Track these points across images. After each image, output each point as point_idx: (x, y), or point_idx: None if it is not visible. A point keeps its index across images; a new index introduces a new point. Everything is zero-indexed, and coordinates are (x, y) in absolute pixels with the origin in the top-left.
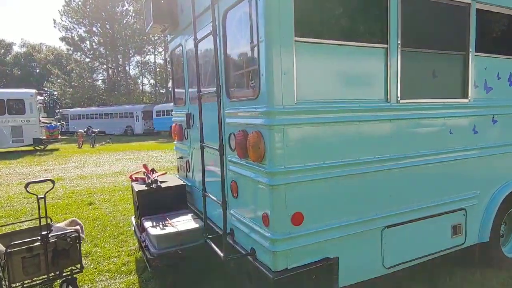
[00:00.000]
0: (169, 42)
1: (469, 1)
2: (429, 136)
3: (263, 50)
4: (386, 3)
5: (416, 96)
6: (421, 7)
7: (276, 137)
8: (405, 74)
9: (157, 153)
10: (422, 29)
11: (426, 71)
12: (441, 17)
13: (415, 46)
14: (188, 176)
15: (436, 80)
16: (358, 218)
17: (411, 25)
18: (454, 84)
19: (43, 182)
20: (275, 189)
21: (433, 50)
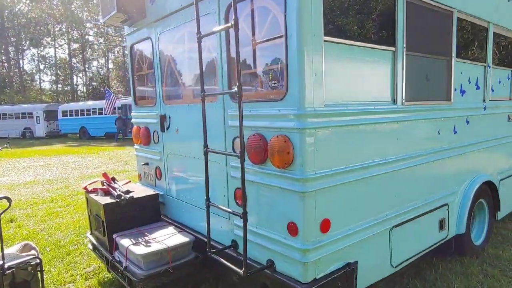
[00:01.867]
0: (128, 34)
1: (452, 10)
2: (425, 136)
3: (294, 48)
4: (394, 6)
5: (415, 99)
6: (418, 13)
7: (307, 141)
8: (408, 77)
9: (73, 158)
10: (418, 34)
11: (421, 75)
12: (431, 24)
13: (414, 50)
14: (157, 185)
15: (428, 83)
16: (373, 220)
17: (410, 30)
18: (441, 87)
19: None
20: (306, 197)
21: (425, 55)
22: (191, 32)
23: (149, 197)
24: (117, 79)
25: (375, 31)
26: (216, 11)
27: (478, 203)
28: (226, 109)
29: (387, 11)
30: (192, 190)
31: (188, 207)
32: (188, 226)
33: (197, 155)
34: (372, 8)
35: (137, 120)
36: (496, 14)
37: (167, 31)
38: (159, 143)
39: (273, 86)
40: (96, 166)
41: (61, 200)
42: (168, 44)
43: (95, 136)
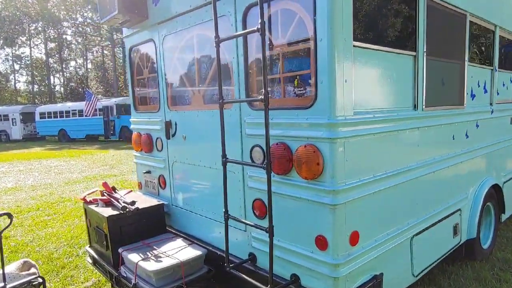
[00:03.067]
0: (127, 36)
1: (465, 13)
2: (442, 142)
3: (324, 53)
4: (415, 10)
5: (433, 104)
6: (436, 16)
7: (338, 151)
8: (427, 82)
9: (55, 162)
10: (435, 38)
11: (438, 80)
12: (447, 28)
13: (432, 54)
14: (161, 194)
15: (444, 88)
16: (397, 230)
17: (429, 34)
18: (455, 92)
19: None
20: (337, 209)
21: (442, 59)
22: (201, 35)
23: (154, 208)
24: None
25: (397, 35)
26: (232, 14)
27: (485, 207)
28: (242, 116)
29: (409, 15)
30: (202, 200)
31: (197, 217)
32: (197, 237)
33: (208, 163)
34: (394, 12)
35: (137, 126)
36: (501, 18)
37: (173, 33)
38: (163, 150)
39: (299, 93)
40: (80, 170)
41: (47, 207)
42: (174, 47)
43: (75, 138)
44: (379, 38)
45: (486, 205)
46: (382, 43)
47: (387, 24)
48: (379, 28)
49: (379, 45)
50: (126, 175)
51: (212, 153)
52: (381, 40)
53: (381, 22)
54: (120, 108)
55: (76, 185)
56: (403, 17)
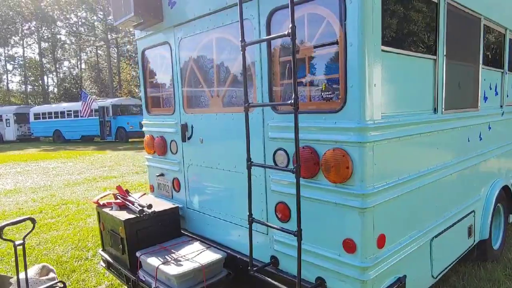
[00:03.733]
0: (140, 39)
1: (480, 16)
2: (458, 144)
3: (354, 58)
4: (436, 14)
5: (451, 107)
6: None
7: (368, 155)
8: (446, 85)
9: (52, 163)
10: (453, 42)
11: (455, 83)
12: (463, 31)
13: (450, 58)
14: (175, 197)
15: (460, 91)
16: (418, 232)
17: (448, 38)
18: (470, 95)
19: (20, 223)
20: (366, 212)
21: (459, 62)
22: (221, 38)
23: (170, 211)
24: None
25: (419, 39)
26: (255, 17)
27: (496, 208)
28: (265, 120)
29: (430, 18)
30: (219, 203)
31: (214, 220)
32: (214, 240)
33: (227, 166)
34: (416, 17)
35: (150, 128)
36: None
37: (190, 36)
38: (178, 153)
39: (327, 97)
40: (79, 172)
41: (50, 210)
42: (192, 50)
43: (71, 139)
44: (402, 42)
45: (496, 206)
46: (405, 47)
47: (410, 28)
48: (403, 32)
49: (403, 49)
50: (126, 176)
51: (231, 156)
52: (404, 44)
53: (404, 26)
54: (116, 108)
55: (77, 187)
56: (424, 21)
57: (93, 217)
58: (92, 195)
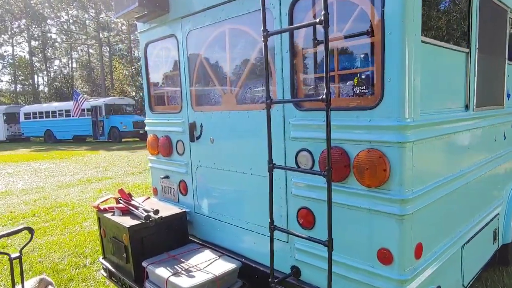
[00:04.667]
0: (143, 32)
1: (506, 9)
2: (486, 143)
3: (395, 49)
4: (469, 4)
5: (481, 105)
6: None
7: (407, 156)
8: (477, 81)
9: (44, 164)
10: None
11: (484, 79)
12: (491, 24)
13: (481, 52)
14: (181, 201)
15: (487, 87)
16: (451, 239)
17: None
18: (496, 91)
19: (16, 233)
20: (405, 220)
21: (487, 57)
22: (235, 30)
23: (177, 216)
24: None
25: (452, 30)
26: (276, 6)
27: None
28: (286, 118)
29: (463, 8)
30: (232, 208)
31: (226, 226)
32: (226, 248)
33: (241, 168)
34: (450, 6)
35: (153, 128)
36: None
37: (200, 28)
38: (185, 154)
39: (360, 92)
40: (73, 173)
41: (44, 213)
42: (201, 43)
43: (62, 139)
44: (438, 33)
45: None
46: (441, 38)
47: (445, 17)
48: (438, 22)
49: (439, 40)
50: (121, 177)
51: (246, 157)
52: (439, 35)
53: (440, 15)
54: (109, 108)
55: (70, 189)
56: (458, 11)
57: (89, 221)
58: (87, 197)
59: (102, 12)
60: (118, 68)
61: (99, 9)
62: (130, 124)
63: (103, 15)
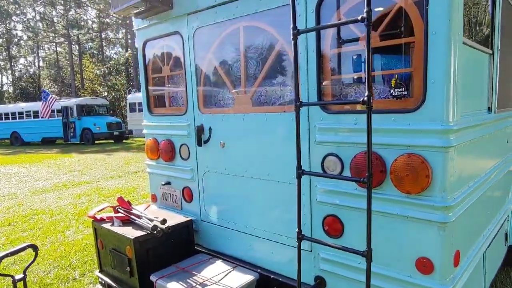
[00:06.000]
0: (141, 29)
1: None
2: (503, 145)
3: (440, 50)
4: (493, 3)
5: (502, 106)
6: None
7: (450, 161)
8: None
9: (13, 168)
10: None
11: (504, 80)
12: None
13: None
14: (185, 208)
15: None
16: (478, 244)
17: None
18: (508, 92)
19: (21, 251)
20: (447, 227)
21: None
22: (251, 28)
23: (183, 225)
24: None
25: (481, 31)
26: (302, 3)
27: None
28: (311, 121)
29: (487, 8)
30: (246, 215)
31: (239, 235)
32: (239, 258)
33: (257, 174)
34: (476, 6)
35: (152, 131)
36: None
37: (209, 25)
38: (190, 159)
39: (398, 94)
40: (46, 177)
41: (20, 222)
42: (211, 41)
43: (30, 142)
44: (471, 34)
45: None
46: (473, 39)
47: (474, 19)
48: (470, 23)
49: (473, 41)
50: (100, 182)
51: (263, 163)
52: (472, 36)
53: (471, 16)
54: (81, 109)
55: (46, 195)
56: (483, 11)
57: (72, 229)
58: (65, 204)
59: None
60: (89, 67)
61: (68, 5)
62: (104, 125)
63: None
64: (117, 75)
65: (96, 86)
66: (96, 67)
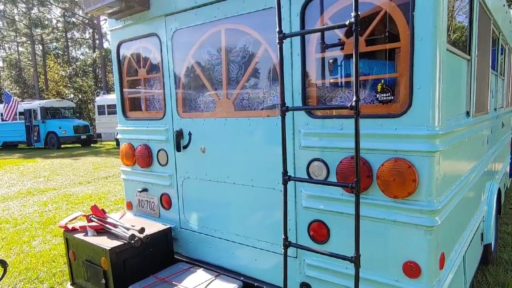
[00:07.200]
0: (115, 30)
1: (490, 17)
2: (479, 148)
3: (425, 55)
4: (470, 9)
5: (477, 111)
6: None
7: (436, 166)
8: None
9: None
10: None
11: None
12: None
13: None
14: (163, 215)
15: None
16: (459, 246)
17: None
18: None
19: None
20: (434, 231)
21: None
22: (233, 30)
23: (162, 233)
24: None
25: (457, 37)
26: (286, 6)
27: None
28: (296, 126)
29: (465, 15)
30: (228, 222)
31: (221, 242)
32: (221, 266)
33: (239, 180)
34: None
35: (128, 136)
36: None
37: (189, 27)
38: (169, 164)
39: (384, 99)
40: (8, 184)
41: None
42: (191, 43)
43: None
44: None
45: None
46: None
47: (454, 25)
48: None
49: (454, 47)
50: (68, 188)
51: (246, 169)
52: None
53: (451, 22)
54: (46, 111)
55: (9, 203)
56: (461, 18)
57: (38, 239)
58: (30, 212)
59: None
60: (53, 68)
61: (30, 3)
62: (70, 128)
63: (35, 11)
64: (84, 77)
65: (61, 88)
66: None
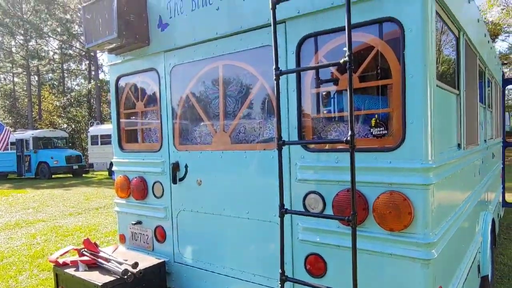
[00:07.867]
0: (115, 64)
1: (476, 53)
2: (471, 180)
3: (417, 92)
4: (457, 47)
5: (468, 143)
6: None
7: (430, 198)
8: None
9: None
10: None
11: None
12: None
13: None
14: (157, 249)
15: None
16: (455, 280)
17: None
18: (473, 130)
19: None
20: (431, 264)
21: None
22: (230, 66)
23: (156, 267)
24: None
25: (447, 73)
26: (282, 44)
27: None
28: (292, 159)
29: (453, 51)
30: (224, 255)
31: (217, 277)
32: None
33: (235, 213)
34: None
35: (124, 168)
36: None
37: (187, 63)
38: (164, 197)
39: (378, 133)
40: None
41: None
42: (189, 78)
43: None
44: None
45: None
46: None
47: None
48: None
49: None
50: (57, 219)
51: (242, 201)
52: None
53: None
54: (38, 141)
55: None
56: (449, 54)
57: (25, 273)
58: (18, 245)
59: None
60: (48, 98)
61: (29, 36)
62: (63, 159)
63: (33, 43)
64: (78, 107)
65: (55, 118)
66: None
